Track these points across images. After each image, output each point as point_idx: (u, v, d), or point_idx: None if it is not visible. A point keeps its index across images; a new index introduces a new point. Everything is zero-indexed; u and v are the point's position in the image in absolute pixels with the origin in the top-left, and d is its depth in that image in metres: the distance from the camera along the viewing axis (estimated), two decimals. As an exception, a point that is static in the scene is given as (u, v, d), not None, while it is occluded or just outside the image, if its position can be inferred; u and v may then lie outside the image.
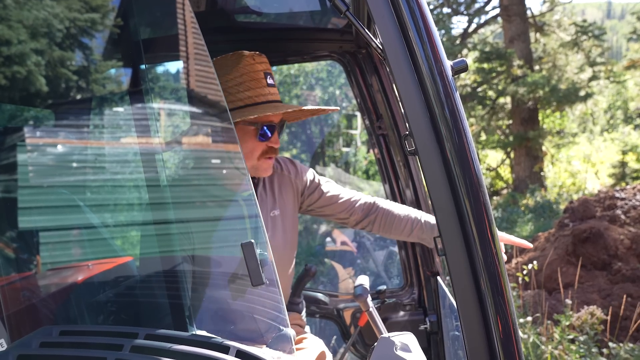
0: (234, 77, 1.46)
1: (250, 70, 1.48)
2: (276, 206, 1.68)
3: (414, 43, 1.03)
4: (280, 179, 1.73)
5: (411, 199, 2.22)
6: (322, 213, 1.83)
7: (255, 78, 1.48)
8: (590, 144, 18.06)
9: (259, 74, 1.48)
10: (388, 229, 1.78)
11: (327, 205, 1.80)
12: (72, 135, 1.71)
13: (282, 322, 1.09)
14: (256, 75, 1.48)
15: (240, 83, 1.46)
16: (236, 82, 1.46)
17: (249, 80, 1.47)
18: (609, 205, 6.05)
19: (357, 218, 1.81)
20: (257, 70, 1.48)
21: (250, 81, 1.47)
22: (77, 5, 1.50)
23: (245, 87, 1.47)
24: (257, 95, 1.47)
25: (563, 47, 13.63)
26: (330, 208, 1.80)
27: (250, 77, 1.47)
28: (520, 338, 1.12)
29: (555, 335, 3.26)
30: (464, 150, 1.05)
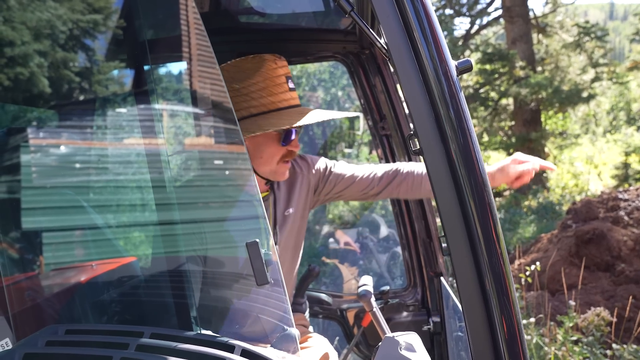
0: (256, 81, 1.45)
1: (273, 75, 1.46)
2: (290, 204, 1.68)
3: (419, 43, 1.04)
4: (294, 177, 1.72)
5: (415, 199, 2.22)
6: (342, 196, 1.82)
7: (278, 83, 1.47)
8: (592, 145, 18.03)
9: (281, 78, 1.48)
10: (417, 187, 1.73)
11: (346, 188, 1.77)
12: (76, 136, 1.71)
13: (287, 321, 1.09)
14: (278, 80, 1.47)
15: (263, 88, 1.45)
16: (258, 87, 1.45)
17: (272, 85, 1.46)
18: (612, 207, 6.04)
19: (378, 189, 1.77)
20: (279, 75, 1.47)
21: (273, 86, 1.46)
22: (80, 6, 1.51)
23: (268, 92, 1.46)
24: (280, 100, 1.46)
25: (565, 49, 13.62)
26: (349, 190, 1.77)
27: (272, 82, 1.46)
28: (525, 339, 1.12)
29: (558, 336, 3.25)
30: (469, 150, 1.05)
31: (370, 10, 1.70)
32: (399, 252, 3.25)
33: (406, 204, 2.27)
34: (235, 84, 1.46)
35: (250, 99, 1.45)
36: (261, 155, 1.51)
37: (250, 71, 1.47)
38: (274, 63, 1.48)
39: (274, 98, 1.46)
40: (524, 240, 7.99)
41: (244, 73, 1.47)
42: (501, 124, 14.54)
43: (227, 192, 1.47)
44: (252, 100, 1.46)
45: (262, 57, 1.50)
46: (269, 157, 1.51)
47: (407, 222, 2.28)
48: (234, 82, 1.46)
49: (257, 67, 1.47)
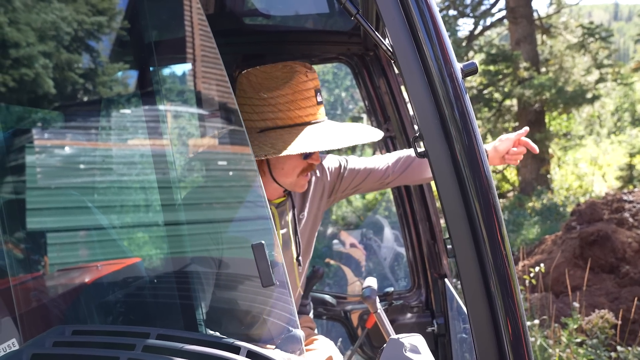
0: (285, 93, 1.41)
1: (302, 88, 1.43)
2: (303, 209, 1.68)
3: (424, 45, 1.04)
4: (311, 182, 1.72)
5: (418, 200, 2.22)
6: (359, 190, 1.81)
7: (307, 96, 1.43)
8: (597, 146, 17.97)
9: (310, 92, 1.44)
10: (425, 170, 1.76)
11: (362, 181, 1.77)
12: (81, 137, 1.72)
13: (292, 323, 1.10)
14: (307, 94, 1.44)
15: (292, 101, 1.42)
16: (287, 100, 1.42)
17: (301, 98, 1.43)
18: (617, 208, 6.02)
19: (393, 177, 1.78)
20: (308, 88, 1.44)
21: (301, 100, 1.43)
22: (84, 8, 1.51)
23: (296, 105, 1.42)
24: (307, 114, 1.44)
25: (570, 49, 13.58)
26: (365, 183, 1.78)
27: (301, 95, 1.43)
28: (530, 341, 1.12)
29: (562, 338, 3.24)
30: (474, 152, 1.05)
31: (375, 13, 1.70)
32: (403, 254, 3.25)
33: (410, 206, 2.28)
34: (264, 92, 1.43)
35: (277, 111, 1.42)
36: (282, 166, 1.49)
37: (280, 81, 1.43)
38: (304, 75, 1.45)
39: (301, 112, 1.43)
40: (528, 241, 7.97)
41: (273, 82, 1.44)
42: (505, 125, 14.50)
43: (232, 193, 1.47)
44: (279, 112, 1.43)
45: (293, 66, 1.47)
46: (290, 169, 1.49)
47: (412, 223, 2.28)
48: (262, 90, 1.43)
49: (288, 77, 1.44)
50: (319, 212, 1.75)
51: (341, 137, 1.47)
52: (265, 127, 1.43)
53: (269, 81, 1.45)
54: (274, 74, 1.46)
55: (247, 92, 1.46)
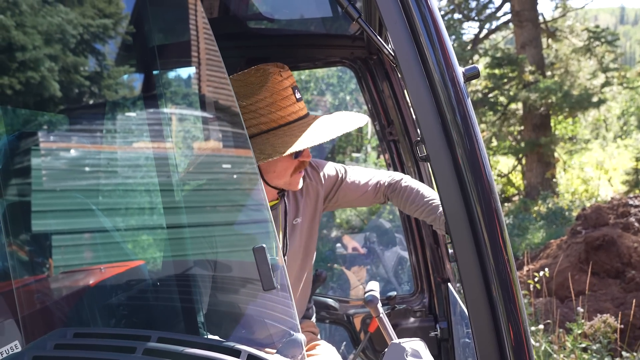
0: (263, 97, 1.41)
1: (279, 88, 1.43)
2: (298, 214, 1.67)
3: (426, 49, 1.04)
4: (305, 186, 1.70)
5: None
6: (351, 205, 1.83)
7: (285, 96, 1.43)
8: (603, 150, 17.89)
9: (287, 90, 1.44)
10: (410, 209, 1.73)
11: (356, 198, 1.78)
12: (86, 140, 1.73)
13: (293, 327, 1.09)
14: (285, 93, 1.44)
15: (271, 103, 1.42)
16: (267, 103, 1.41)
17: (279, 99, 1.42)
18: (623, 213, 5.98)
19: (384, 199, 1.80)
20: (285, 87, 1.44)
21: (280, 100, 1.42)
22: (90, 11, 1.52)
23: (277, 107, 1.42)
24: (289, 113, 1.43)
25: (575, 53, 13.54)
26: (358, 200, 1.79)
27: (280, 95, 1.42)
28: (532, 346, 1.11)
29: (567, 343, 3.22)
30: (476, 156, 1.05)
31: (378, 17, 1.71)
32: (406, 258, 3.24)
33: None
34: (242, 100, 1.42)
35: (259, 116, 1.42)
36: (274, 169, 1.49)
37: (256, 86, 1.43)
38: (279, 75, 1.44)
39: (282, 112, 1.43)
40: (533, 246, 7.93)
41: (248, 88, 1.43)
42: (510, 128, 14.47)
43: (234, 197, 1.47)
44: (261, 117, 1.42)
45: (265, 69, 1.46)
46: (282, 171, 1.49)
47: (415, 227, 2.27)
48: (239, 98, 1.43)
49: (263, 81, 1.43)
50: (315, 217, 1.73)
51: (327, 130, 1.46)
52: (250, 135, 1.43)
53: (245, 88, 1.44)
54: (249, 80, 1.45)
55: None
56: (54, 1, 1.49)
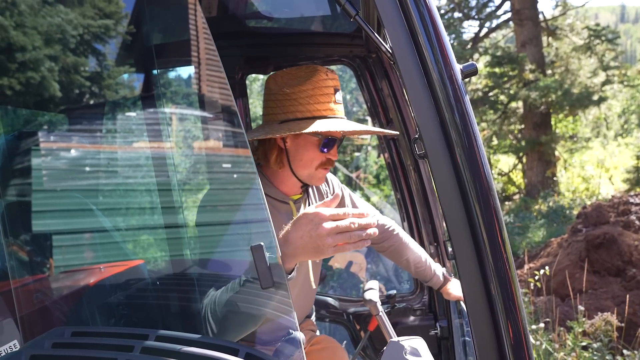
0: (306, 88, 1.50)
1: (322, 85, 1.52)
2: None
3: (424, 47, 1.04)
4: (320, 194, 1.79)
5: (421, 202, 2.22)
6: None
7: (326, 93, 1.52)
8: (604, 148, 17.87)
9: (329, 89, 1.53)
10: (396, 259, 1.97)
11: None
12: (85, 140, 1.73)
13: (292, 325, 1.09)
14: (327, 90, 1.52)
15: (312, 95, 1.51)
16: (308, 95, 1.50)
17: (320, 94, 1.51)
18: (623, 211, 5.98)
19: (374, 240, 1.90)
20: (328, 86, 1.53)
21: (320, 95, 1.51)
22: (90, 12, 1.52)
23: (316, 100, 1.51)
24: (326, 109, 1.52)
25: (576, 51, 13.52)
26: None
27: (321, 91, 1.51)
28: (531, 344, 1.11)
29: (568, 342, 3.22)
30: (474, 153, 1.04)
31: (376, 15, 1.70)
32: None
33: (413, 208, 2.27)
34: (286, 88, 1.52)
35: (298, 104, 1.51)
36: (301, 158, 1.55)
37: (302, 78, 1.52)
38: (325, 74, 1.54)
39: (320, 106, 1.51)
40: (534, 244, 7.93)
41: (296, 79, 1.53)
42: (511, 127, 14.45)
43: (233, 196, 1.47)
44: (299, 106, 1.50)
45: (315, 67, 1.57)
46: (308, 161, 1.55)
47: (414, 226, 2.28)
48: (285, 86, 1.53)
49: (309, 75, 1.53)
50: None
51: (357, 125, 1.56)
52: (285, 119, 1.51)
53: (292, 79, 1.54)
54: (297, 74, 1.55)
55: (272, 90, 1.55)
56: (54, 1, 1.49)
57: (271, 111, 1.54)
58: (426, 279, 1.95)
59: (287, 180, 1.59)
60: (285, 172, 1.57)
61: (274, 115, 1.53)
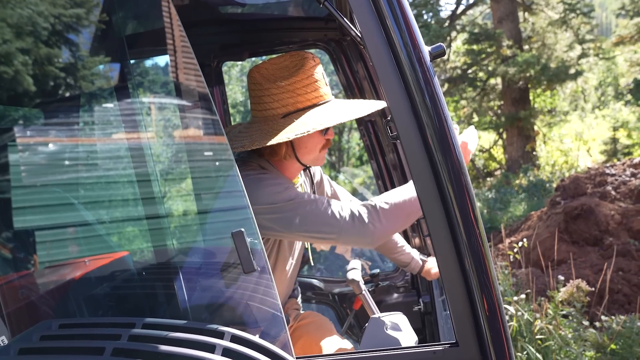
0: (300, 78, 1.54)
1: (314, 72, 1.57)
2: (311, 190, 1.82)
3: (392, 31, 1.06)
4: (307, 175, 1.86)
5: (400, 183, 2.26)
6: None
7: (318, 79, 1.57)
8: (581, 121, 18.13)
9: (319, 74, 1.58)
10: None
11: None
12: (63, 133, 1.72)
13: (275, 307, 1.13)
14: (318, 77, 1.58)
15: (307, 84, 1.55)
16: (304, 84, 1.54)
17: (314, 81, 1.56)
18: (600, 182, 6.12)
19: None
20: (318, 72, 1.58)
21: (315, 82, 1.56)
22: (61, 1, 1.50)
23: (312, 88, 1.55)
24: (322, 95, 1.57)
25: (552, 26, 13.60)
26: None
27: (314, 79, 1.56)
28: (505, 315, 1.16)
29: (549, 311, 3.32)
30: (444, 133, 1.08)
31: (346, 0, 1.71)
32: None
33: (392, 187, 2.31)
34: (280, 81, 1.54)
35: (296, 95, 1.54)
36: (306, 145, 1.60)
37: (292, 69, 1.56)
38: (312, 60, 1.58)
39: (316, 93, 1.56)
40: (515, 218, 8.08)
41: (286, 71, 1.57)
42: (490, 103, 14.57)
43: (211, 184, 1.49)
44: (298, 96, 1.54)
45: (301, 54, 1.61)
46: (313, 147, 1.61)
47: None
48: (276, 80, 1.55)
49: (299, 64, 1.57)
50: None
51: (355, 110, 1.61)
52: (287, 112, 1.55)
53: (282, 71, 1.57)
54: (284, 64, 1.59)
55: (263, 84, 1.57)
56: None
57: (268, 106, 1.57)
58: (404, 264, 2.00)
59: (292, 167, 1.66)
60: (289, 160, 1.63)
61: (271, 110, 1.56)
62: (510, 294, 3.55)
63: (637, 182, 5.85)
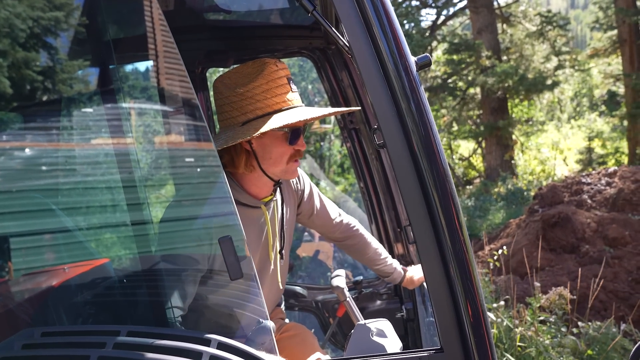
0: (259, 84, 1.46)
1: (275, 77, 1.48)
2: (283, 211, 1.72)
3: (379, 41, 1.07)
4: (287, 187, 1.76)
5: (383, 189, 2.28)
6: (308, 224, 1.92)
7: (280, 84, 1.48)
8: (558, 131, 18.54)
9: (282, 80, 1.49)
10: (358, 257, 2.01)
11: (316, 218, 1.87)
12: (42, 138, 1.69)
13: (262, 314, 1.12)
14: (280, 82, 1.49)
15: (267, 90, 1.47)
16: (263, 90, 1.46)
17: (275, 87, 1.48)
18: (576, 191, 6.25)
19: (337, 237, 1.94)
20: (281, 77, 1.49)
21: (275, 87, 1.47)
22: (40, 3, 1.48)
23: (272, 93, 1.47)
24: (284, 100, 1.48)
25: (529, 37, 13.92)
26: (318, 222, 1.89)
27: (275, 83, 1.48)
28: (489, 321, 1.17)
29: (527, 317, 3.37)
30: (430, 142, 1.09)
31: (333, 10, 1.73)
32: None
33: (376, 195, 2.33)
34: (239, 88, 1.47)
35: (255, 102, 1.46)
36: (270, 155, 1.51)
37: (252, 75, 1.48)
38: (274, 65, 1.50)
39: (277, 99, 1.48)
40: (494, 226, 8.20)
41: (246, 77, 1.48)
42: (469, 113, 14.81)
43: (197, 190, 1.48)
44: (257, 103, 1.46)
45: (262, 60, 1.52)
46: (278, 157, 1.52)
47: (378, 212, 2.33)
48: (237, 87, 1.48)
49: (259, 70, 1.49)
50: (294, 218, 1.81)
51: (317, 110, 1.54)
52: (246, 120, 1.47)
53: (242, 77, 1.49)
54: (245, 71, 1.51)
55: (224, 93, 1.50)
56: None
57: (228, 115, 1.50)
58: (386, 275, 1.97)
59: (258, 182, 1.57)
60: (255, 173, 1.54)
61: (232, 119, 1.49)
62: (490, 301, 3.60)
63: (612, 191, 5.99)
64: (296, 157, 1.56)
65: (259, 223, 1.60)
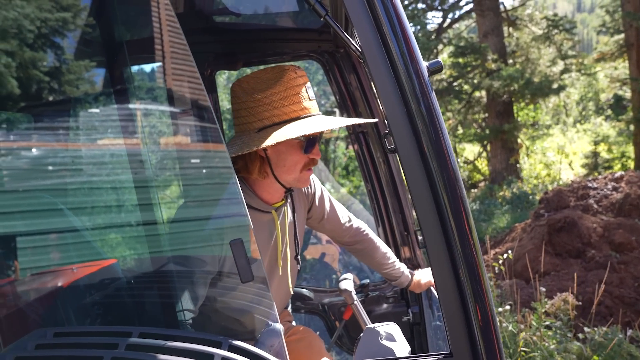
0: (277, 91, 1.45)
1: (294, 85, 1.47)
2: (294, 217, 1.72)
3: (392, 45, 1.08)
4: (298, 191, 1.76)
5: (391, 193, 2.28)
6: (318, 228, 1.92)
7: (298, 92, 1.47)
8: (563, 135, 18.48)
9: (301, 87, 1.48)
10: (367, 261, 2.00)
11: (326, 222, 1.87)
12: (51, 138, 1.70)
13: (272, 317, 1.13)
14: (299, 89, 1.48)
15: (285, 97, 1.46)
16: (281, 97, 1.46)
17: (293, 94, 1.46)
18: (582, 195, 6.23)
19: (346, 241, 1.94)
20: (299, 84, 1.48)
21: (293, 95, 1.46)
22: (48, 4, 1.49)
23: (290, 101, 1.46)
24: (301, 108, 1.47)
25: (535, 41, 13.89)
26: (328, 226, 1.89)
27: (293, 91, 1.47)
28: (498, 325, 1.18)
29: (532, 322, 3.36)
30: (441, 146, 1.10)
31: (344, 13, 1.74)
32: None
33: (383, 199, 2.33)
34: (257, 93, 1.46)
35: (272, 108, 1.46)
36: (284, 163, 1.51)
37: (271, 81, 1.47)
38: (293, 72, 1.49)
39: (295, 107, 1.47)
40: (499, 230, 8.17)
41: (265, 83, 1.48)
42: (475, 116, 14.78)
43: (208, 191, 1.48)
44: (274, 110, 1.46)
45: (281, 67, 1.51)
46: (292, 165, 1.52)
47: (385, 216, 2.33)
48: (255, 92, 1.47)
49: (278, 76, 1.48)
50: (304, 224, 1.82)
51: (336, 121, 1.52)
52: (262, 126, 1.46)
53: (261, 83, 1.48)
54: (264, 77, 1.50)
55: (241, 98, 1.50)
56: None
57: (245, 120, 1.49)
58: (394, 278, 1.96)
59: (270, 188, 1.57)
60: (268, 180, 1.54)
61: (248, 124, 1.48)
62: (495, 305, 3.59)
63: (618, 195, 5.97)
64: (310, 166, 1.55)
65: (269, 227, 1.60)
